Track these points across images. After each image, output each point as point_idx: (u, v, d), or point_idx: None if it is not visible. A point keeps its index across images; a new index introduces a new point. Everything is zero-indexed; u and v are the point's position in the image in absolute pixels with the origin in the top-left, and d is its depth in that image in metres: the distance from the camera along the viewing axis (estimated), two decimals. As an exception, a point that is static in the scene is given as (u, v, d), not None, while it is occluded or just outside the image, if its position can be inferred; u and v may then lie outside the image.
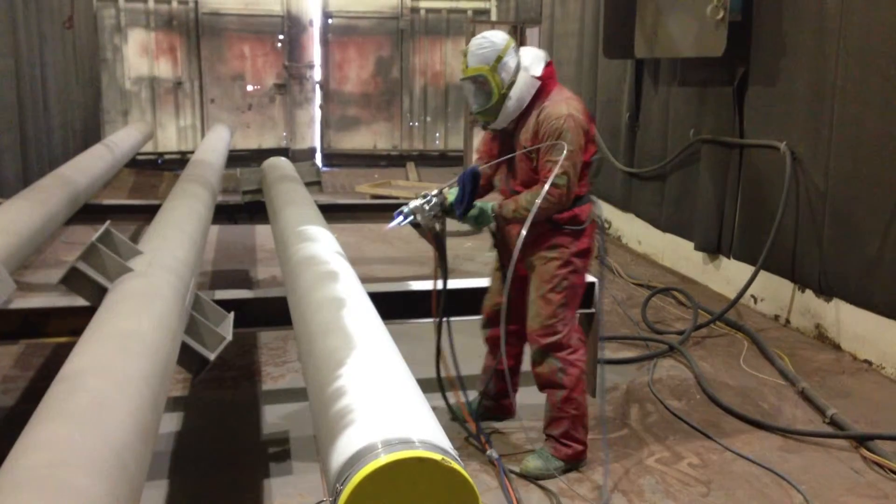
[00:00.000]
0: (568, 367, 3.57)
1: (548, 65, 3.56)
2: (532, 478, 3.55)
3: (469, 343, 4.17)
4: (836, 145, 5.22)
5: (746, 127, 6.25)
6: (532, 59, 3.52)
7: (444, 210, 3.46)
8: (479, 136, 3.88)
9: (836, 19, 5.21)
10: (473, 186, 3.44)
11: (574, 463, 3.66)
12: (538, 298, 3.57)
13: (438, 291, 3.64)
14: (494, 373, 3.96)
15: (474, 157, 3.85)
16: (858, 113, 5.03)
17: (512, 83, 3.45)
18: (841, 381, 4.81)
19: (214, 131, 10.10)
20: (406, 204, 3.41)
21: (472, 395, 4.05)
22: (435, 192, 3.42)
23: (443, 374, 3.82)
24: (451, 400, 3.99)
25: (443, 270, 3.63)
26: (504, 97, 3.46)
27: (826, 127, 5.30)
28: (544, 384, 3.65)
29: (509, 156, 3.59)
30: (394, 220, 3.39)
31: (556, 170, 3.32)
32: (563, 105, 3.45)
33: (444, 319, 3.70)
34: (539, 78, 3.50)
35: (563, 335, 3.56)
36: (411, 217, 3.38)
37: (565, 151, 3.34)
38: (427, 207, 3.38)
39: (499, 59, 3.43)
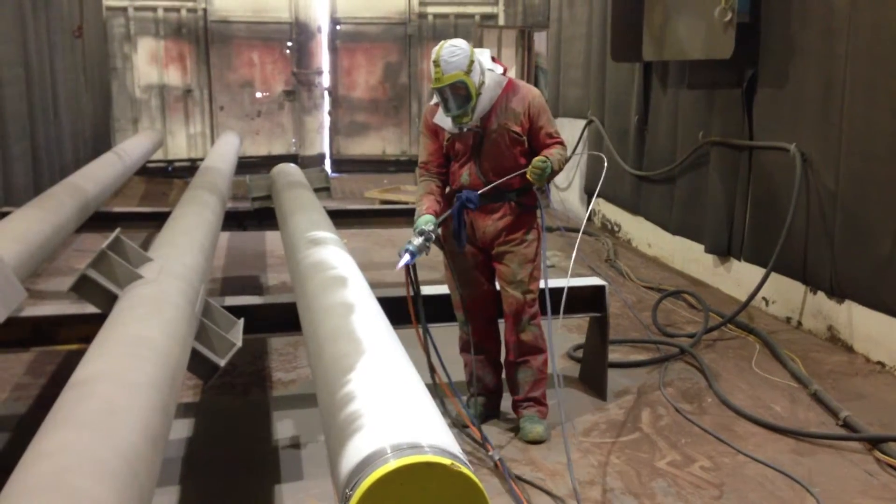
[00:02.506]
0: (542, 332, 4.00)
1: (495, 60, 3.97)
2: (541, 442, 3.91)
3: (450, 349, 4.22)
4: (847, 146, 5.19)
5: (756, 129, 6.23)
6: (487, 59, 3.91)
7: (438, 242, 3.91)
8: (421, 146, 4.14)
9: (844, 20, 5.18)
10: (466, 218, 3.94)
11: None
12: (527, 276, 3.95)
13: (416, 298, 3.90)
14: (487, 365, 4.17)
15: (417, 171, 4.11)
16: (868, 113, 5.00)
17: (482, 83, 3.80)
18: (854, 383, 4.78)
19: (224, 138, 10.15)
20: (409, 242, 3.72)
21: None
22: (429, 226, 3.76)
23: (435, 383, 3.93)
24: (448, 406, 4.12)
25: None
26: (478, 97, 3.79)
27: (836, 128, 5.28)
28: (528, 351, 4.01)
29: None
30: (402, 260, 3.69)
31: (559, 137, 3.93)
32: (532, 88, 3.99)
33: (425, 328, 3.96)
34: (502, 74, 3.90)
35: (537, 304, 3.98)
36: (417, 255, 3.71)
37: (556, 125, 3.98)
38: (428, 244, 3.74)
39: (471, 63, 3.74)
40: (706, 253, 6.92)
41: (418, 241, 3.69)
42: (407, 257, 3.67)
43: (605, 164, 4.84)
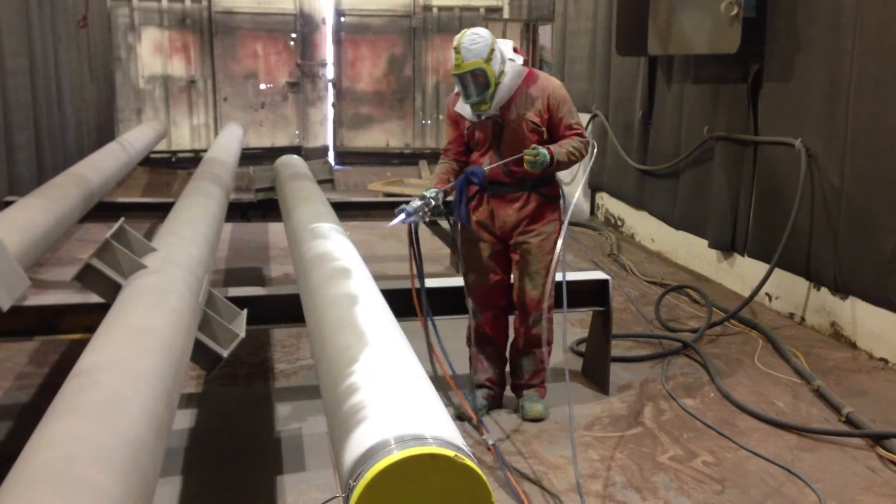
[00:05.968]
0: (552, 326, 4.06)
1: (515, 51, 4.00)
2: (542, 419, 4.02)
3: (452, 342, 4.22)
4: (852, 142, 5.18)
5: (761, 124, 6.21)
6: (509, 49, 3.94)
7: (441, 212, 3.92)
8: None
9: (851, 15, 5.16)
10: (467, 190, 3.93)
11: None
12: (542, 269, 3.98)
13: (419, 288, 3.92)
14: (493, 358, 4.21)
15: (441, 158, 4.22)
16: (874, 109, 4.99)
17: (502, 72, 3.82)
18: (857, 379, 4.77)
19: (227, 130, 10.13)
20: (408, 202, 3.69)
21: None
22: (432, 193, 3.77)
23: (436, 373, 3.92)
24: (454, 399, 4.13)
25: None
26: (497, 85, 3.80)
27: (841, 123, 5.26)
28: (536, 343, 4.07)
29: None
30: (396, 218, 3.68)
31: (579, 129, 3.93)
32: (552, 79, 4.00)
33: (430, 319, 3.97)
34: (523, 65, 3.93)
35: (551, 298, 3.99)
36: (413, 217, 3.70)
37: (577, 117, 3.98)
38: (427, 210, 3.73)
39: (491, 51, 3.77)
40: (710, 248, 6.91)
41: (417, 203, 3.71)
42: (402, 216, 3.68)
43: (590, 161, 4.92)
